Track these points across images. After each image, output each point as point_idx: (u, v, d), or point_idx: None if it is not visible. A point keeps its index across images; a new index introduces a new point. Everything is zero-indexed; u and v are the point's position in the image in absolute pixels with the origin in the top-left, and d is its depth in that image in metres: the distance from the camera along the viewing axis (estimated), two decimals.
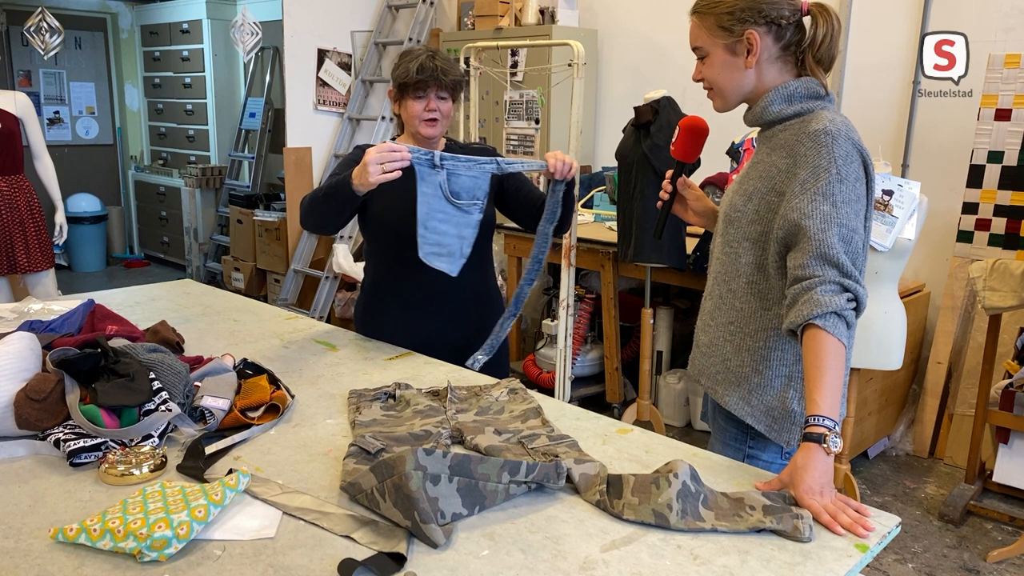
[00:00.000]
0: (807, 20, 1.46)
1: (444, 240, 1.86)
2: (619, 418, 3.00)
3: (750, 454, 1.56)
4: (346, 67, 5.55)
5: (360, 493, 1.21)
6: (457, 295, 2.08)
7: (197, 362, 1.70)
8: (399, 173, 1.76)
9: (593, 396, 4.10)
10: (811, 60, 1.46)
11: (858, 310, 1.36)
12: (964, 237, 3.49)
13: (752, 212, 1.49)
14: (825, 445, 1.23)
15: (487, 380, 1.79)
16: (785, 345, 1.49)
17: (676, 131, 1.68)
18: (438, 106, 2.01)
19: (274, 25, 5.78)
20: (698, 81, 1.56)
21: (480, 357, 1.93)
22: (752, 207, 1.48)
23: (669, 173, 1.72)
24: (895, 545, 2.87)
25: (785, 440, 1.50)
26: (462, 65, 3.56)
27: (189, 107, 7.19)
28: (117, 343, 1.57)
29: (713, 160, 3.38)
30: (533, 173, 2.19)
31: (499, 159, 1.89)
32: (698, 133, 1.66)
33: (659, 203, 1.76)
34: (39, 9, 5.44)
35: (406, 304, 2.07)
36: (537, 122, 4.68)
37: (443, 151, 2.11)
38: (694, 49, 1.54)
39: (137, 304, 2.36)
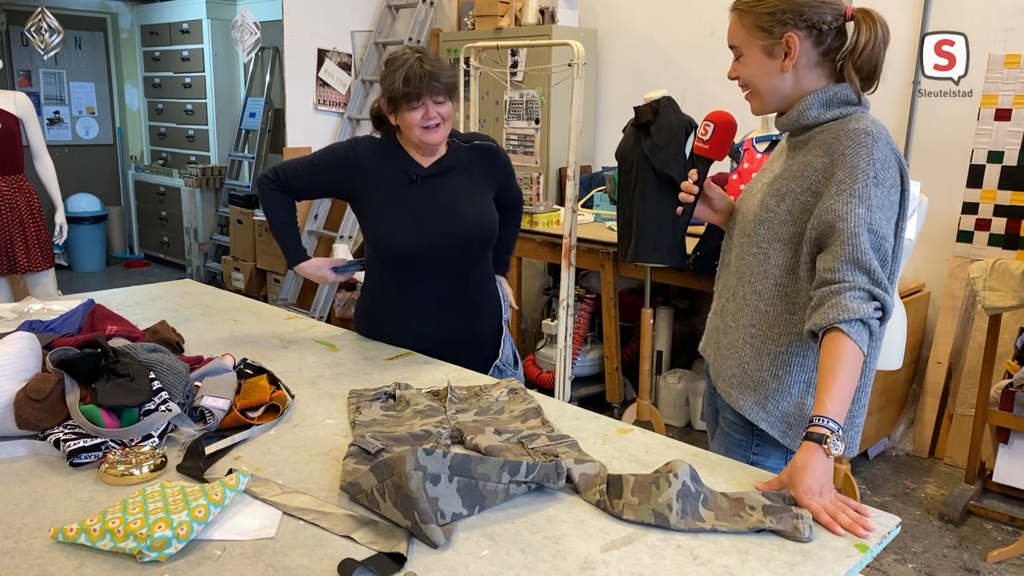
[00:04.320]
0: (850, 26, 1.42)
1: None
2: (619, 418, 3.00)
3: (754, 460, 1.55)
4: (346, 67, 5.55)
5: (360, 493, 1.21)
6: (459, 299, 2.08)
7: (197, 362, 1.70)
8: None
9: (593, 396, 4.09)
10: (850, 68, 1.42)
11: (883, 319, 1.34)
12: (964, 237, 3.49)
13: (785, 212, 1.46)
14: (826, 446, 1.23)
15: (487, 380, 1.79)
16: (807, 351, 1.47)
17: (708, 127, 1.58)
18: (437, 111, 1.89)
19: (274, 25, 5.78)
20: (733, 79, 1.53)
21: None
22: (786, 207, 1.45)
23: (693, 173, 1.61)
24: (895, 545, 2.87)
25: (799, 446, 1.49)
26: (461, 64, 3.56)
27: (189, 107, 7.19)
28: (117, 343, 1.56)
29: None
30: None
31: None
32: (732, 129, 1.58)
33: (680, 208, 1.63)
34: (39, 9, 5.43)
35: (407, 308, 2.07)
36: (537, 122, 4.68)
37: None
38: (731, 47, 1.51)
39: (137, 304, 2.36)
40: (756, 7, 1.44)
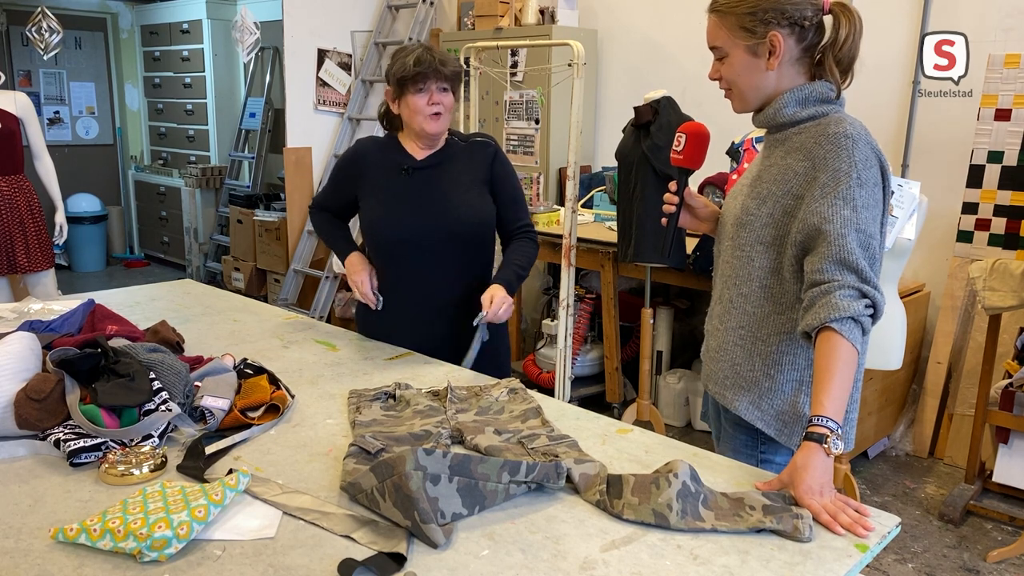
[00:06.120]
0: (828, 20, 1.42)
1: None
2: (619, 418, 3.00)
3: (763, 459, 1.55)
4: (346, 67, 5.55)
5: (360, 493, 1.21)
6: (458, 297, 2.07)
7: (197, 362, 1.70)
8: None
9: (593, 396, 4.10)
10: (831, 61, 1.42)
11: (875, 316, 1.34)
12: (964, 237, 3.48)
13: (766, 215, 1.46)
14: (826, 446, 1.23)
15: (487, 380, 1.79)
16: (797, 349, 1.47)
17: (680, 139, 1.61)
18: (440, 99, 1.98)
19: (274, 25, 5.78)
20: (715, 80, 1.52)
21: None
22: (767, 210, 1.46)
23: (673, 184, 1.63)
24: (895, 545, 2.87)
25: (796, 444, 1.49)
26: (462, 64, 3.55)
27: (189, 107, 7.19)
28: (117, 343, 1.57)
29: (713, 160, 3.37)
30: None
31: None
32: (704, 138, 1.61)
33: (664, 220, 1.65)
34: (39, 9, 5.44)
35: (407, 307, 2.07)
36: (537, 122, 4.68)
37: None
38: (712, 48, 1.50)
39: (137, 304, 2.36)
40: (737, 7, 1.43)
